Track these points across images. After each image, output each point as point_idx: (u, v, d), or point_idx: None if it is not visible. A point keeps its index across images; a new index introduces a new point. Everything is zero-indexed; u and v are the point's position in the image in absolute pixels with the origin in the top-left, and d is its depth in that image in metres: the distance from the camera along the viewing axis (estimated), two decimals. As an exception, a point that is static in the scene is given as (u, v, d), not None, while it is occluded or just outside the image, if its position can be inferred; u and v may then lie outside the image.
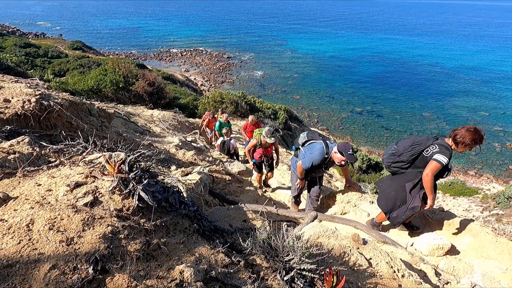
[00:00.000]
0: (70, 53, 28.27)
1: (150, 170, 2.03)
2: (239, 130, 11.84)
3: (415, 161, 3.12)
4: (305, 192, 4.62)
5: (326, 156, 3.76)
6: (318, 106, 27.33)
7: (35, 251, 1.18)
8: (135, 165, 1.82)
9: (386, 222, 3.67)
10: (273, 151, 5.78)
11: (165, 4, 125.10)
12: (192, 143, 7.66)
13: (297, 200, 4.54)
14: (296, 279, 1.65)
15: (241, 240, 1.89)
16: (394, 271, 2.08)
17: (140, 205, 1.55)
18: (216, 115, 10.17)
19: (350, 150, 3.59)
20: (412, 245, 3.37)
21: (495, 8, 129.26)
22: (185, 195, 2.58)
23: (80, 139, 2.20)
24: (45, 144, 2.50)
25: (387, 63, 41.05)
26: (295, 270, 1.68)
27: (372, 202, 4.37)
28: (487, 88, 31.89)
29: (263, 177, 6.01)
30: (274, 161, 5.88)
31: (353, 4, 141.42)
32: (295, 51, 47.95)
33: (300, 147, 4.11)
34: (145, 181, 1.65)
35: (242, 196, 5.22)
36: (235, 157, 8.08)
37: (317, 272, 1.72)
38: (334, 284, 1.56)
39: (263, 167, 5.77)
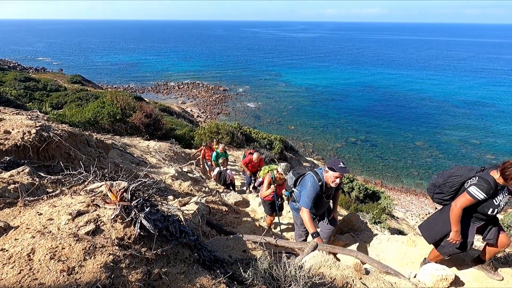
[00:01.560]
0: (69, 86, 28.86)
1: (150, 199, 2.04)
2: (235, 160, 11.86)
3: (457, 194, 2.90)
4: None
5: (320, 183, 3.41)
6: (312, 136, 27.77)
7: (35, 281, 1.15)
8: (136, 194, 1.83)
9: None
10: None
11: (163, 41, 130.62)
12: (188, 174, 7.64)
13: None
14: (299, 310, 1.61)
15: (242, 270, 1.85)
16: (399, 302, 2.03)
17: (142, 233, 1.54)
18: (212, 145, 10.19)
19: (341, 163, 3.31)
20: (415, 276, 3.29)
21: (479, 44, 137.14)
22: (184, 224, 2.55)
23: (81, 168, 2.21)
24: (43, 174, 2.50)
25: (379, 96, 42.45)
26: (298, 300, 1.64)
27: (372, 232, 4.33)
28: (475, 119, 32.88)
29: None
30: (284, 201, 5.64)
31: (342, 41, 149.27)
32: (289, 84, 49.57)
33: (293, 189, 3.79)
34: (147, 209, 1.65)
35: (239, 227, 5.13)
36: (231, 188, 8.03)
37: (321, 302, 1.68)
38: (339, 315, 1.52)
39: (275, 207, 5.28)
